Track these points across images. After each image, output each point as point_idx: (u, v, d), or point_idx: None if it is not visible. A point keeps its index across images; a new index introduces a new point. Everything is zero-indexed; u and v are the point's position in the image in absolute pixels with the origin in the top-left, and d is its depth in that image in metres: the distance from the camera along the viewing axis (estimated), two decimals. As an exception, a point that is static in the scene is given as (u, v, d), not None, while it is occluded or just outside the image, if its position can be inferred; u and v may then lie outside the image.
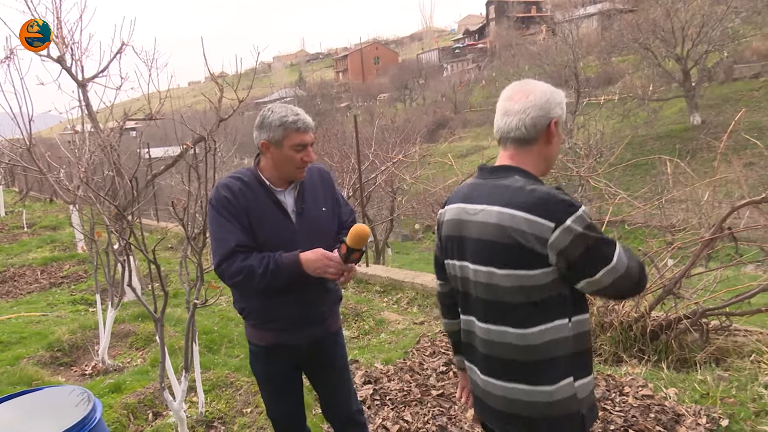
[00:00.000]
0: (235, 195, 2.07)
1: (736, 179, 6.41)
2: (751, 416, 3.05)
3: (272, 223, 2.10)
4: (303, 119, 2.05)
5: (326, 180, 2.32)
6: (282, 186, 2.16)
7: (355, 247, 2.02)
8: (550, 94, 1.59)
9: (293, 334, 2.19)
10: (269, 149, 2.08)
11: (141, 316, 5.43)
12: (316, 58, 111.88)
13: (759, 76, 29.33)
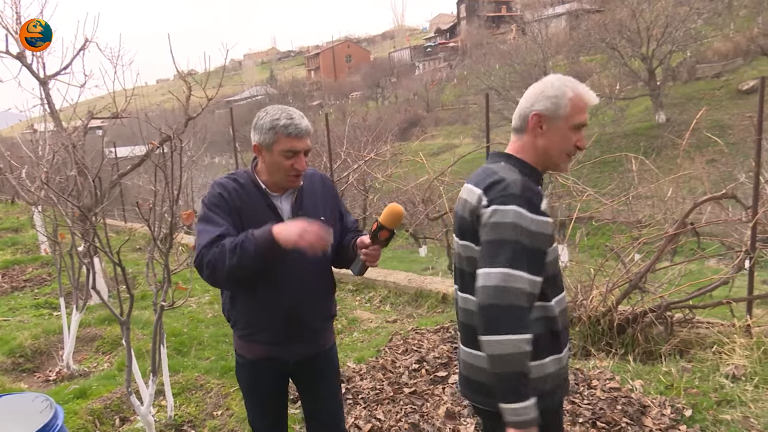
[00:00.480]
0: (229, 193, 1.98)
1: (699, 176, 6.60)
2: (713, 406, 3.15)
3: None
4: (296, 124, 1.92)
5: (328, 188, 2.21)
6: (279, 191, 2.05)
7: (387, 225, 1.88)
8: (544, 87, 1.65)
9: (282, 348, 2.06)
10: (261, 152, 1.98)
11: (107, 319, 5.30)
12: (288, 56, 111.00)
13: (720, 76, 30.21)
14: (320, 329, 2.16)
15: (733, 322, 3.90)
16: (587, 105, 1.65)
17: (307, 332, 2.09)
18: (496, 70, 34.81)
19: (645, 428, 3.00)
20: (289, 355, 2.08)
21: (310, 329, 2.10)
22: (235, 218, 1.96)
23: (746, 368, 3.46)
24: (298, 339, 2.07)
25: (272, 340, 2.05)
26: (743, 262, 3.92)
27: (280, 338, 2.05)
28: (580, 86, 1.66)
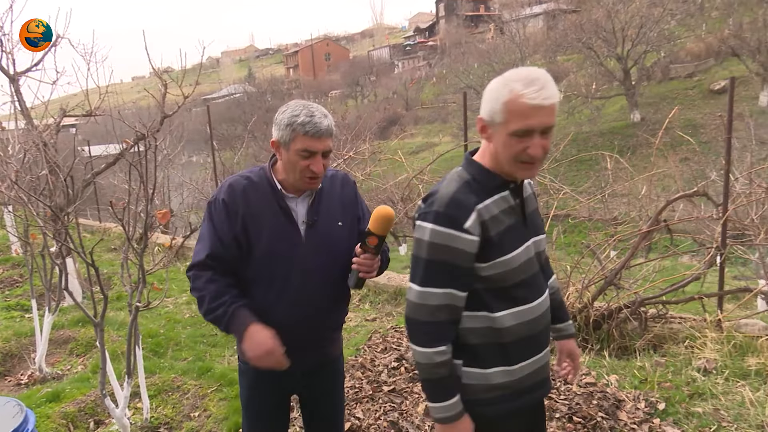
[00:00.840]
0: (234, 198, 1.87)
1: (673, 174, 6.73)
2: (686, 399, 3.22)
3: (275, 233, 1.87)
4: (315, 122, 1.78)
5: (349, 191, 2.05)
6: (296, 192, 1.92)
7: (375, 231, 1.75)
8: (488, 88, 1.55)
9: (290, 357, 1.90)
10: (279, 150, 1.87)
11: (81, 321, 5.21)
12: (266, 54, 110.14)
13: (693, 76, 30.83)
14: (329, 339, 2.07)
15: (704, 317, 3.99)
16: (532, 107, 1.45)
17: (315, 342, 2.00)
18: (475, 69, 35.06)
19: (620, 422, 3.06)
20: (294, 367, 1.93)
21: (319, 339, 2.02)
22: (235, 226, 1.85)
23: (717, 362, 3.54)
24: (305, 349, 1.96)
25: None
26: (714, 258, 4.01)
27: (291, 346, 1.89)
28: (523, 86, 1.45)
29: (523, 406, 1.69)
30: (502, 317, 1.58)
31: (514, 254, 1.57)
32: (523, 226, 1.63)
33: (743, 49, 26.19)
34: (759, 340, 3.61)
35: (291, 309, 1.89)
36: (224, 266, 1.88)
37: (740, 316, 4.02)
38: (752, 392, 3.18)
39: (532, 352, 1.65)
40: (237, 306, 1.81)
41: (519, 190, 1.63)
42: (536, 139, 1.48)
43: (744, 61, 26.29)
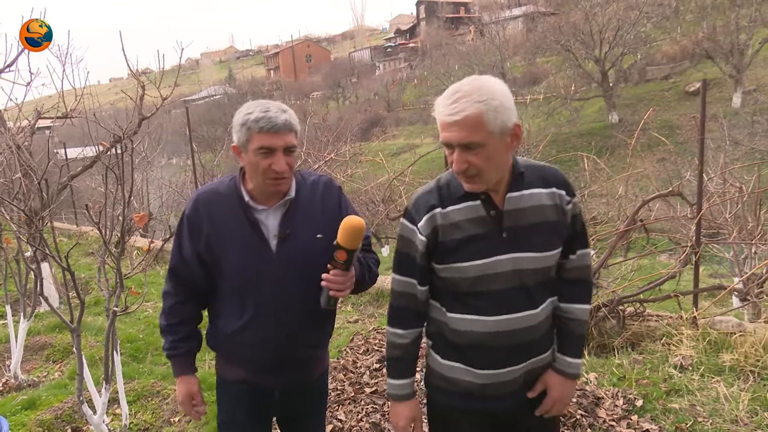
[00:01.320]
0: (198, 214, 1.78)
1: (651, 174, 6.85)
2: (663, 395, 3.28)
3: (242, 248, 1.75)
4: (270, 117, 1.65)
5: (331, 198, 1.86)
6: (267, 203, 1.77)
7: (343, 244, 1.61)
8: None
9: (267, 376, 1.85)
10: (240, 154, 1.74)
11: (58, 326, 5.12)
12: (246, 55, 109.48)
13: (668, 78, 31.44)
14: (310, 358, 1.92)
15: (680, 315, 4.07)
16: (441, 121, 1.49)
17: (292, 363, 1.87)
18: (456, 70, 35.29)
19: (599, 419, 3.10)
20: (274, 385, 1.87)
21: (297, 359, 1.88)
22: (199, 244, 1.77)
23: (693, 358, 3.61)
24: (281, 369, 1.86)
25: (254, 369, 1.85)
26: (689, 256, 4.09)
27: (265, 366, 1.84)
28: (440, 100, 1.50)
29: (483, 411, 1.69)
30: (453, 319, 1.63)
31: (471, 264, 1.57)
32: (498, 239, 1.58)
33: (717, 51, 26.78)
34: (733, 337, 3.69)
35: (263, 329, 1.78)
36: (187, 284, 1.84)
37: (715, 314, 4.10)
38: (726, 388, 3.25)
39: (500, 365, 1.63)
40: (175, 352, 1.88)
41: (491, 202, 1.58)
42: (456, 154, 1.49)
43: (717, 64, 26.88)
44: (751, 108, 22.97)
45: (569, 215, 1.65)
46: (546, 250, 1.61)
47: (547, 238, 1.61)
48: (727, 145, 13.35)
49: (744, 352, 3.51)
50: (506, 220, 1.58)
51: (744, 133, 19.04)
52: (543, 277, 1.63)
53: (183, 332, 1.88)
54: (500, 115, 1.46)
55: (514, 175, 1.60)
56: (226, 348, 1.87)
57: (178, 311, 1.87)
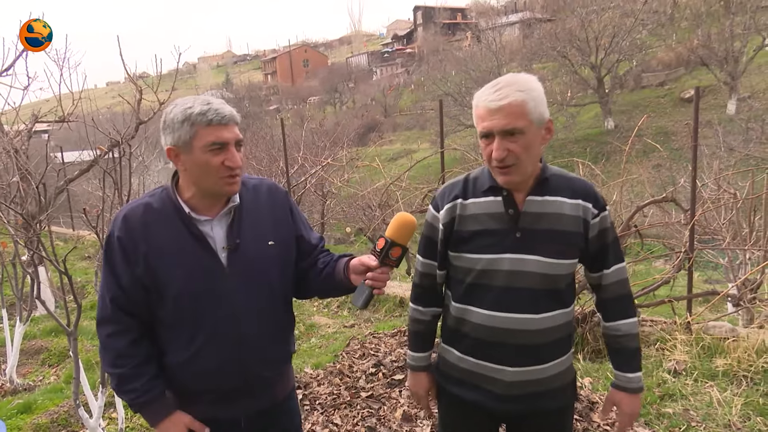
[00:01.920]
0: (131, 233, 1.56)
1: (647, 180, 6.90)
2: (657, 400, 3.30)
3: (190, 267, 1.57)
4: (216, 108, 1.51)
5: (279, 202, 1.74)
6: (209, 213, 1.61)
7: (399, 240, 1.54)
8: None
9: (230, 405, 1.68)
10: (179, 157, 1.55)
11: (54, 330, 5.12)
12: (244, 60, 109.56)
13: (664, 84, 31.58)
14: (273, 378, 1.76)
15: (674, 320, 4.09)
16: (484, 110, 1.54)
17: (256, 386, 1.70)
18: (453, 76, 35.37)
19: (593, 423, 3.11)
20: (238, 413, 1.70)
21: (260, 381, 1.71)
22: (137, 268, 1.56)
23: (686, 363, 3.64)
24: (245, 395, 1.69)
25: (214, 399, 1.67)
26: (683, 262, 4.12)
27: (224, 395, 1.67)
28: (482, 91, 1.58)
29: (484, 407, 1.72)
30: (456, 308, 1.73)
31: (480, 257, 1.63)
32: (510, 238, 1.62)
33: (711, 58, 26.94)
34: (726, 342, 3.72)
35: (221, 351, 1.61)
36: (135, 315, 1.61)
37: (708, 319, 4.13)
38: (720, 392, 3.28)
39: (494, 360, 1.67)
40: (149, 397, 1.60)
41: (512, 201, 1.62)
42: (492, 143, 1.55)
43: (712, 71, 27.04)
44: (746, 115, 23.11)
45: (596, 229, 1.66)
46: (556, 258, 1.62)
47: (561, 247, 1.63)
48: (722, 152, 13.42)
49: (737, 357, 3.54)
50: (522, 221, 1.62)
51: (739, 139, 19.16)
52: (550, 285, 1.64)
53: (151, 370, 1.62)
54: (539, 106, 1.55)
55: (539, 180, 1.64)
56: (178, 383, 1.65)
57: (137, 349, 1.61)
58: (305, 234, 1.79)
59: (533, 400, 1.70)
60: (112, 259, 1.59)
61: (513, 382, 1.67)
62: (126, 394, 1.61)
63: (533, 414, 1.73)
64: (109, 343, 1.61)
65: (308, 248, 1.79)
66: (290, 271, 1.75)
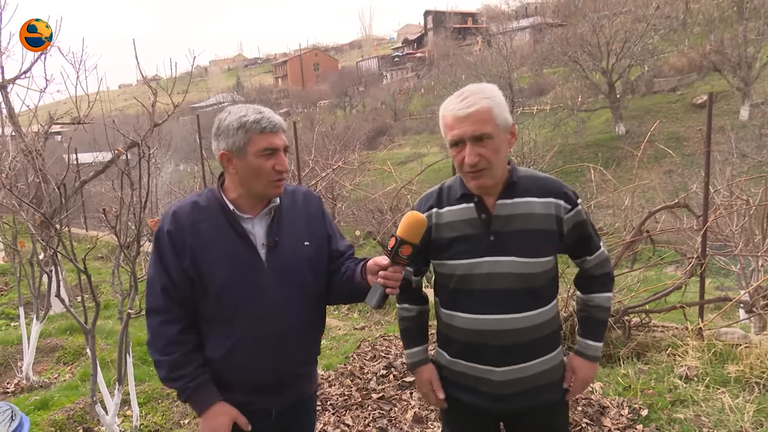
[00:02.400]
0: (180, 227, 1.67)
1: (658, 186, 6.88)
2: (668, 405, 3.30)
3: (232, 262, 1.67)
4: (268, 117, 1.64)
5: (314, 207, 1.85)
6: (252, 212, 1.72)
7: (409, 239, 1.55)
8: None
9: (264, 396, 1.77)
10: (231, 161, 1.66)
11: (69, 329, 5.19)
12: (255, 63, 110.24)
13: (675, 90, 31.41)
14: (304, 375, 1.87)
15: (686, 326, 4.09)
16: (452, 118, 1.61)
17: (289, 379, 1.81)
18: (463, 80, 35.38)
19: (604, 428, 3.12)
20: (271, 404, 1.80)
21: (294, 376, 1.82)
22: (184, 260, 1.66)
23: (698, 369, 3.63)
24: (279, 388, 1.79)
25: (248, 391, 1.75)
26: (695, 268, 4.11)
27: (256, 389, 1.76)
28: (448, 102, 1.65)
29: (480, 408, 1.78)
30: (445, 314, 1.79)
31: (458, 262, 1.70)
32: (485, 242, 1.68)
33: (724, 64, 26.76)
34: (738, 348, 3.71)
35: (259, 345, 1.70)
36: (184, 304, 1.69)
37: (720, 325, 4.12)
38: (732, 399, 3.27)
39: (484, 362, 1.72)
40: (199, 382, 1.67)
41: (483, 206, 1.69)
42: (468, 148, 1.61)
43: (725, 76, 26.85)
44: (759, 121, 22.92)
45: (571, 222, 1.72)
46: (531, 257, 1.68)
47: (534, 246, 1.68)
48: (735, 158, 13.33)
49: (749, 363, 3.53)
50: (494, 225, 1.68)
51: (752, 146, 18.99)
52: (527, 284, 1.69)
53: (200, 358, 1.70)
54: (503, 111, 1.63)
55: (508, 183, 1.70)
56: (214, 376, 1.73)
57: (187, 336, 1.70)
58: (335, 240, 1.88)
59: (525, 398, 1.75)
60: (162, 251, 1.69)
61: (502, 381, 1.73)
62: (175, 382, 1.68)
63: (527, 411, 1.78)
64: (160, 330, 1.69)
65: (336, 254, 1.86)
66: (323, 272, 1.83)
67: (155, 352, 1.70)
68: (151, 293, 1.72)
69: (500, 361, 1.71)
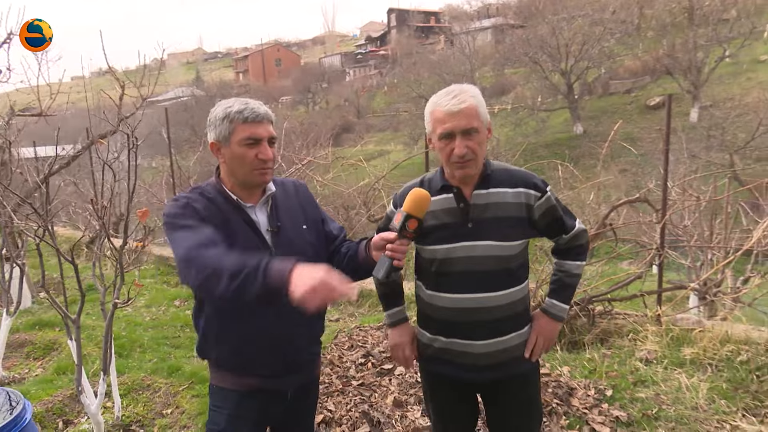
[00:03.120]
0: (193, 208, 1.70)
1: (614, 183, 7.22)
2: (630, 386, 3.53)
3: (246, 249, 1.67)
4: (252, 107, 1.71)
5: (304, 194, 1.96)
6: (251, 200, 1.80)
7: (415, 213, 1.66)
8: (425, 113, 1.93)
9: (281, 380, 1.84)
10: (219, 150, 1.75)
11: (38, 324, 5.11)
12: (215, 57, 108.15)
13: (630, 92, 32.62)
14: (315, 354, 1.98)
15: (645, 313, 4.36)
16: (445, 114, 1.76)
17: (305, 359, 1.90)
18: (426, 79, 35.76)
19: (573, 407, 3.32)
20: (287, 386, 1.87)
21: (308, 355, 1.92)
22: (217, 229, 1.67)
23: (657, 352, 3.89)
24: (298, 367, 1.87)
25: (268, 372, 1.81)
26: (654, 258, 4.39)
27: (277, 369, 1.81)
28: (438, 99, 1.80)
29: (460, 380, 1.96)
30: (428, 295, 1.94)
31: (439, 247, 1.87)
32: (464, 229, 1.86)
33: (676, 68, 27.93)
34: (693, 332, 3.99)
35: (278, 326, 1.76)
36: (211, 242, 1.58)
37: (677, 312, 4.40)
38: (688, 378, 3.53)
39: (464, 337, 1.90)
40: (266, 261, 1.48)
41: (462, 195, 1.87)
42: (458, 140, 1.77)
43: (676, 80, 28.04)
44: (707, 123, 24.04)
45: (542, 208, 1.90)
46: (505, 241, 1.86)
47: (508, 231, 1.86)
48: (686, 158, 13.99)
49: (703, 346, 3.81)
50: (472, 212, 1.86)
51: (700, 146, 19.91)
52: (502, 265, 1.87)
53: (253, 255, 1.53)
54: (484, 110, 1.83)
55: (483, 175, 1.88)
56: (233, 359, 1.79)
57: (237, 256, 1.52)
58: (327, 223, 1.99)
59: (501, 369, 1.94)
60: (189, 219, 1.65)
61: (480, 353, 1.90)
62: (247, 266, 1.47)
63: (502, 380, 1.97)
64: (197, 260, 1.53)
65: (330, 236, 1.96)
66: (323, 254, 1.91)
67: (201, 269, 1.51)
68: (181, 251, 1.57)
69: (479, 335, 1.88)
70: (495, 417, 2.07)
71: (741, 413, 3.18)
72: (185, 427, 3.27)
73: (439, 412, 2.11)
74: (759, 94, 25.15)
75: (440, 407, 2.10)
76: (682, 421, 3.13)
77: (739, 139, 22.08)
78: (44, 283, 2.88)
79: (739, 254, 4.59)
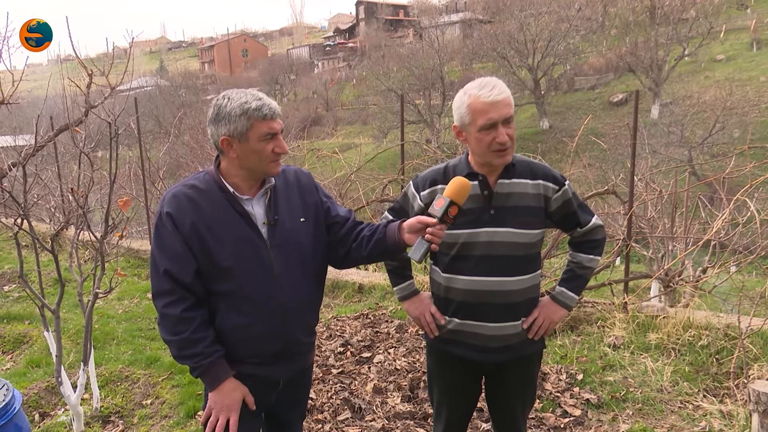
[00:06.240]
0: (181, 207, 1.74)
1: (581, 177, 7.45)
2: (599, 370, 3.69)
3: (237, 242, 1.75)
4: (268, 104, 1.73)
5: (306, 184, 1.94)
6: (250, 192, 1.81)
7: (457, 200, 1.71)
8: (453, 103, 1.97)
9: (273, 367, 1.87)
10: (232, 146, 1.73)
11: (6, 317, 4.99)
12: (179, 47, 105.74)
13: (594, 88, 33.38)
14: (309, 344, 2.00)
15: (612, 301, 4.54)
16: (487, 104, 1.82)
17: (297, 349, 1.92)
18: (395, 72, 35.79)
19: (546, 391, 3.46)
20: (280, 374, 1.90)
21: (301, 345, 1.93)
22: (189, 240, 1.72)
23: (624, 338, 4.07)
24: (289, 356, 1.89)
25: (259, 362, 1.84)
26: (621, 248, 4.57)
27: (267, 359, 1.85)
28: (476, 90, 1.85)
29: (470, 360, 2.04)
30: (445, 278, 2.00)
31: (461, 231, 1.92)
32: (486, 215, 1.93)
33: (638, 65, 28.72)
34: (657, 319, 4.18)
35: (270, 318, 1.79)
36: (188, 285, 1.73)
37: (642, 300, 4.60)
38: (653, 362, 3.71)
39: (478, 318, 1.97)
40: (211, 360, 1.73)
41: (486, 183, 1.94)
42: (500, 129, 1.84)
43: (638, 77, 28.83)
44: (668, 119, 24.86)
45: (559, 201, 1.99)
46: (524, 229, 1.94)
47: (527, 220, 1.95)
48: (647, 153, 14.45)
49: (667, 332, 4.00)
50: (495, 200, 1.94)
51: (661, 142, 20.57)
52: (521, 251, 1.95)
53: (210, 334, 1.75)
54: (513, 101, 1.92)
55: (507, 166, 1.95)
56: (227, 348, 1.80)
57: (193, 313, 1.73)
58: (333, 208, 1.98)
59: (509, 350, 2.02)
60: (163, 233, 1.74)
61: (492, 335, 1.98)
62: (188, 360, 1.73)
63: (509, 361, 2.05)
64: (166, 311, 1.73)
65: (339, 220, 1.97)
66: (322, 245, 1.93)
67: (164, 332, 1.75)
68: (154, 276, 1.77)
69: (494, 317, 1.96)
70: (497, 397, 2.16)
71: (702, 394, 3.37)
72: (166, 417, 3.27)
73: (444, 391, 2.16)
74: (716, 92, 26.15)
75: (446, 386, 2.15)
76: (648, 402, 3.30)
77: (697, 135, 22.93)
78: (22, 273, 2.83)
79: (699, 245, 4.82)
